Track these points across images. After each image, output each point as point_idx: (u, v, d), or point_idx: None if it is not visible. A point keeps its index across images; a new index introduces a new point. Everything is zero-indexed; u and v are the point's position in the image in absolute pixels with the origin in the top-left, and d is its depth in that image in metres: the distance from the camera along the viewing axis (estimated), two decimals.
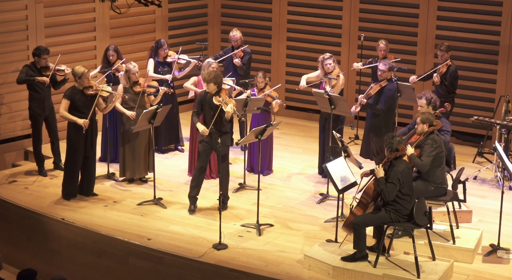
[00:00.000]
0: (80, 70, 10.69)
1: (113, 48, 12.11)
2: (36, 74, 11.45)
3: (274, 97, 11.64)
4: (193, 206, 10.58)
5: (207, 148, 10.42)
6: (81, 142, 10.74)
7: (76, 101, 10.66)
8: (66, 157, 10.90)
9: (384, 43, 12.58)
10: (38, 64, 11.52)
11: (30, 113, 11.65)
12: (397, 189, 8.64)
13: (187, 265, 9.32)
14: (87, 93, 10.71)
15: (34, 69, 11.50)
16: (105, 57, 12.16)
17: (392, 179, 8.65)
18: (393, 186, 8.63)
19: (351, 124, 10.92)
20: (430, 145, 9.28)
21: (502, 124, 11.59)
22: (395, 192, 8.65)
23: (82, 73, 10.65)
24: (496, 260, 9.34)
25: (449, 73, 12.06)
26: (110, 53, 12.08)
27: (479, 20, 13.11)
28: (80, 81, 10.68)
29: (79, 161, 10.82)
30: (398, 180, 8.63)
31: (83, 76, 10.66)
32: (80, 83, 10.69)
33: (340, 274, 8.81)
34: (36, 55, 11.50)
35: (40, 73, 11.48)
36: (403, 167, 8.73)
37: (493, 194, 11.19)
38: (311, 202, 10.98)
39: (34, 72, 11.46)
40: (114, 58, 12.09)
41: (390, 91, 11.26)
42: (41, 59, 11.47)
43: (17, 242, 10.84)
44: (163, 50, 12.40)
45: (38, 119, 11.65)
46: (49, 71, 11.51)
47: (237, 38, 12.90)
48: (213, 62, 11.43)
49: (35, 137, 11.73)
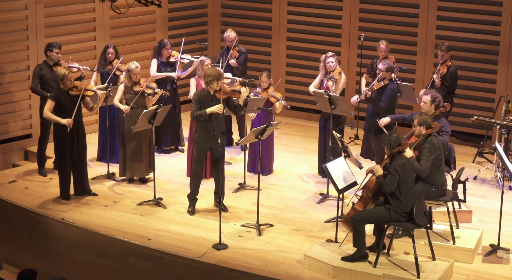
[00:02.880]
0: (61, 72, 10.67)
1: (112, 47, 12.10)
2: (48, 72, 11.49)
3: (278, 98, 11.62)
4: (192, 207, 10.56)
5: (204, 150, 10.38)
6: (68, 143, 10.72)
7: (61, 102, 10.64)
8: (56, 158, 10.95)
9: (385, 44, 12.58)
10: (50, 61, 11.55)
11: (41, 112, 11.68)
12: (396, 181, 8.64)
13: (187, 265, 9.32)
14: (72, 94, 10.69)
15: (45, 67, 11.55)
16: (103, 55, 12.15)
17: (391, 171, 8.68)
18: (392, 177, 8.65)
19: (351, 124, 10.92)
20: (428, 149, 9.25)
21: (502, 124, 11.59)
22: (394, 184, 8.66)
23: (63, 75, 10.62)
24: (496, 260, 9.34)
25: (449, 74, 12.06)
26: (110, 51, 12.06)
27: (479, 20, 13.11)
28: (63, 83, 10.65)
29: (68, 162, 10.81)
30: (397, 171, 8.65)
31: (64, 78, 10.62)
32: (63, 85, 10.67)
33: (340, 274, 8.81)
34: (48, 50, 11.54)
35: (52, 71, 11.48)
36: (404, 160, 8.78)
37: (493, 194, 11.19)
38: (311, 202, 10.98)
39: (46, 71, 11.51)
40: (112, 56, 12.08)
41: (392, 91, 11.32)
42: (53, 53, 11.51)
43: (17, 242, 10.84)
44: (166, 50, 12.40)
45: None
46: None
47: (232, 38, 12.88)
48: (206, 60, 11.50)
49: (42, 136, 11.76)
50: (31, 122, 12.85)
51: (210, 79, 10.17)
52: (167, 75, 12.36)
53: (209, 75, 10.18)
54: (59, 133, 10.71)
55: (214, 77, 10.15)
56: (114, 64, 11.99)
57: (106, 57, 12.10)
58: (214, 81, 10.17)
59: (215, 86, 10.21)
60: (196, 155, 10.43)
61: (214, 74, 10.17)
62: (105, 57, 12.12)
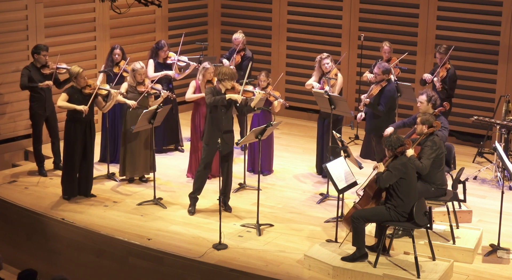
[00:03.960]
0: (75, 70, 10.69)
1: (119, 48, 12.08)
2: (36, 74, 11.44)
3: (277, 97, 11.62)
4: (192, 207, 10.55)
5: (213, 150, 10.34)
6: (79, 143, 10.72)
7: (74, 100, 10.65)
8: (64, 158, 10.90)
9: (388, 45, 12.57)
10: (38, 63, 11.51)
11: (31, 114, 11.65)
12: (392, 178, 8.66)
13: (187, 265, 9.32)
14: (85, 92, 10.71)
15: (33, 69, 11.48)
16: (110, 56, 12.13)
17: (390, 168, 8.70)
18: (389, 174, 8.68)
19: (351, 124, 10.92)
20: (430, 147, 9.27)
21: (502, 124, 11.59)
22: (390, 181, 8.68)
23: (77, 73, 10.65)
24: (496, 260, 9.34)
25: (448, 76, 12.04)
26: (116, 52, 12.04)
27: (479, 20, 13.11)
28: (77, 81, 10.68)
29: (77, 161, 10.80)
30: (397, 169, 8.67)
31: (78, 76, 10.65)
32: (77, 83, 10.69)
33: (340, 274, 8.81)
34: (36, 53, 11.49)
35: (40, 72, 11.47)
36: (405, 160, 8.80)
37: (493, 194, 11.20)
38: (311, 202, 10.98)
39: (34, 73, 11.44)
40: (119, 58, 12.06)
41: (390, 93, 11.31)
42: (40, 56, 11.46)
43: (17, 242, 10.84)
44: (163, 51, 12.37)
45: (39, 119, 11.65)
46: (49, 70, 11.51)
47: (238, 42, 12.83)
48: (210, 67, 11.45)
49: (35, 137, 11.73)
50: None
51: (225, 77, 10.17)
52: (165, 73, 12.31)
53: (224, 74, 10.17)
54: (70, 132, 10.70)
55: (229, 77, 10.17)
56: (121, 66, 11.96)
57: (113, 58, 12.08)
58: (227, 80, 10.18)
59: (228, 85, 10.22)
60: (204, 155, 10.39)
61: (229, 73, 10.18)
62: (111, 58, 12.10)
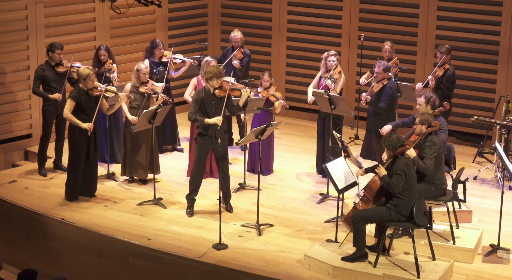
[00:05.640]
0: (85, 72, 10.65)
1: (104, 48, 12.07)
2: (50, 72, 11.49)
3: (278, 97, 11.63)
4: (190, 208, 10.54)
5: (206, 150, 10.37)
6: (84, 145, 10.72)
7: (81, 102, 10.63)
8: (69, 159, 10.86)
9: (390, 44, 12.56)
10: (52, 61, 11.55)
11: (43, 111, 11.68)
12: (402, 180, 8.66)
13: (187, 265, 9.32)
14: (92, 94, 10.69)
15: (47, 67, 11.53)
16: (96, 56, 12.12)
17: (397, 170, 8.69)
18: (398, 177, 8.67)
19: (351, 124, 10.91)
20: (430, 147, 9.26)
21: (502, 124, 11.59)
22: (402, 183, 8.67)
23: (87, 75, 10.61)
24: (496, 260, 9.34)
25: (445, 77, 11.98)
26: (102, 52, 12.03)
27: (479, 20, 13.11)
28: (85, 82, 10.65)
29: (82, 163, 10.79)
30: (403, 170, 8.67)
31: (87, 78, 10.62)
32: (84, 85, 10.67)
33: (340, 274, 8.81)
34: (50, 51, 11.53)
35: (54, 71, 11.49)
36: (406, 160, 8.81)
37: (493, 194, 11.19)
38: (311, 202, 10.98)
39: (48, 71, 11.49)
40: (105, 57, 12.04)
41: (391, 90, 11.33)
42: (55, 54, 11.50)
43: (17, 242, 10.84)
44: (159, 50, 12.38)
45: (50, 118, 11.68)
46: (63, 68, 11.54)
47: (238, 39, 12.87)
48: (212, 60, 11.45)
49: (44, 135, 11.76)
50: (31, 122, 12.85)
51: (209, 76, 10.15)
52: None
53: (209, 72, 10.16)
54: (77, 135, 10.66)
55: (214, 75, 10.14)
56: (105, 66, 11.97)
57: (99, 58, 12.07)
58: (214, 78, 10.15)
59: (214, 83, 10.19)
60: (197, 155, 10.40)
61: (214, 71, 10.16)
62: (98, 59, 12.09)
